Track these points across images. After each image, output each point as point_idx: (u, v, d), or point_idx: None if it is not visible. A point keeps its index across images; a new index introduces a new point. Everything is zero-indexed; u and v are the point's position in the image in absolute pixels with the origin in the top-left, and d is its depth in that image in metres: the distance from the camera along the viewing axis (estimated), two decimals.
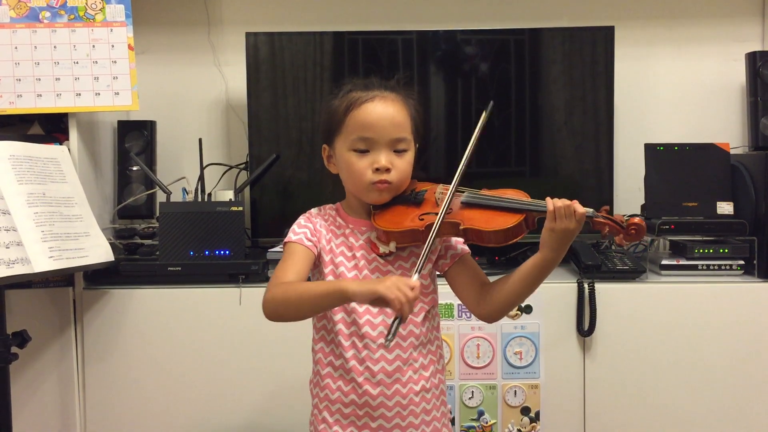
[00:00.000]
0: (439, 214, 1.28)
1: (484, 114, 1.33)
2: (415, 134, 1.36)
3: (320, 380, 1.38)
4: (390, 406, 1.33)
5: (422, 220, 1.31)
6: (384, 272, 1.35)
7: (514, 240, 1.28)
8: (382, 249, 1.34)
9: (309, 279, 1.38)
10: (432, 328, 1.39)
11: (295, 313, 1.27)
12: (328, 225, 1.39)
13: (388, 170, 1.31)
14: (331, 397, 1.36)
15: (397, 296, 1.13)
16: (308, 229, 1.36)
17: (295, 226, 1.38)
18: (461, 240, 1.38)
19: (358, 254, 1.36)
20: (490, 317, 1.36)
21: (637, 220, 1.24)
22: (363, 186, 1.33)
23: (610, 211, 1.26)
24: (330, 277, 1.35)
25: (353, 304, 1.31)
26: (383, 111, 1.31)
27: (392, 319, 1.17)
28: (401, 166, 1.33)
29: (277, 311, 1.27)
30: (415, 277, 1.21)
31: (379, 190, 1.32)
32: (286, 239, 1.36)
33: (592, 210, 1.24)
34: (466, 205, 1.32)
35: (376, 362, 1.33)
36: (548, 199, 1.26)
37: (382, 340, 1.28)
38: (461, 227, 1.29)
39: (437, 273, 1.41)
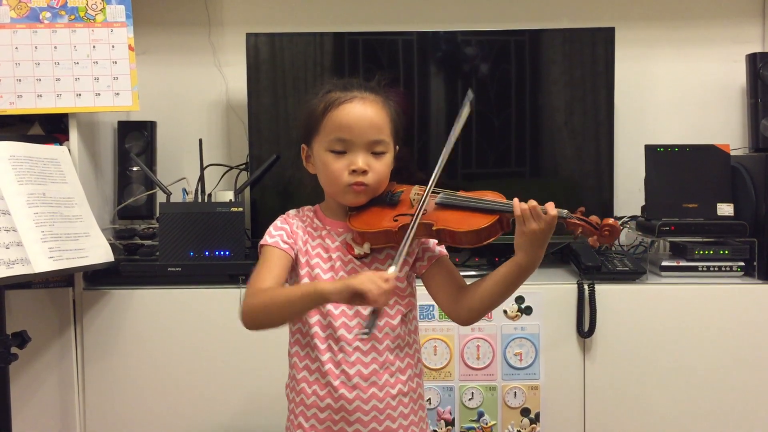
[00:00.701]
0: (414, 216, 1.26)
1: (463, 115, 1.31)
2: (395, 136, 1.34)
3: (296, 385, 1.35)
4: (366, 410, 1.31)
5: (396, 221, 1.30)
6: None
7: (488, 241, 1.26)
8: (357, 250, 1.33)
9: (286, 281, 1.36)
10: (410, 332, 1.37)
11: (275, 320, 1.25)
12: (305, 226, 1.37)
13: (364, 172, 1.29)
14: (306, 402, 1.33)
15: (370, 288, 1.11)
16: (284, 231, 1.34)
17: (271, 228, 1.36)
18: None
19: (334, 256, 1.34)
20: (466, 321, 1.34)
21: (611, 221, 1.22)
22: (339, 188, 1.31)
23: (599, 211, 1.25)
24: (306, 279, 1.33)
25: (329, 307, 1.30)
26: (361, 112, 1.29)
27: (368, 311, 1.16)
28: (378, 168, 1.31)
29: (257, 321, 1.25)
30: (392, 269, 1.17)
31: (355, 192, 1.31)
32: (261, 242, 1.34)
33: (566, 211, 1.23)
34: (441, 206, 1.31)
35: (351, 365, 1.31)
36: (515, 200, 1.24)
37: (361, 336, 1.26)
38: (434, 228, 1.27)
39: (414, 275, 1.39)
